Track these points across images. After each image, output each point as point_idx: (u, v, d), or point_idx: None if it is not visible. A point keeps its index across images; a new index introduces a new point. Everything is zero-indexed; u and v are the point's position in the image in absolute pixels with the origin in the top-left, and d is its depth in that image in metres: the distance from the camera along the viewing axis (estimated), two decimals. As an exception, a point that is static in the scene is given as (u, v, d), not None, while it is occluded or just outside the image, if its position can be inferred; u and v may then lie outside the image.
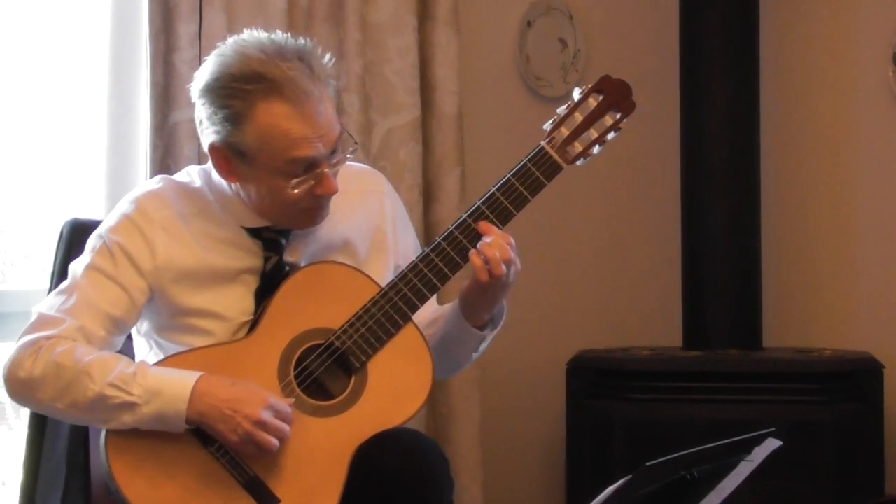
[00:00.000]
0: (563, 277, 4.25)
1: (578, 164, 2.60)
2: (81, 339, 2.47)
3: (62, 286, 2.54)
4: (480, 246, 2.51)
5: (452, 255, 2.53)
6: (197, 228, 2.56)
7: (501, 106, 4.15)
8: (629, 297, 4.31)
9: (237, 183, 2.53)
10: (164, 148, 3.42)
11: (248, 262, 2.57)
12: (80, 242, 2.63)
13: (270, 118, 2.44)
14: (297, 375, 2.50)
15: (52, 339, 2.46)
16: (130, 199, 2.59)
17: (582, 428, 3.84)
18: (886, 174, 4.10)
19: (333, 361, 2.51)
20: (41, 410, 2.56)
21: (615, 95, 2.60)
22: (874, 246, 4.13)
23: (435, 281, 2.53)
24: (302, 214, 2.54)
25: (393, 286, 2.53)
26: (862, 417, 3.72)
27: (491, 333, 2.63)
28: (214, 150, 2.51)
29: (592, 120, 2.60)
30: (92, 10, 3.48)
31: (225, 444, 2.44)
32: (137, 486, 2.43)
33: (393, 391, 2.51)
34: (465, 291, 2.57)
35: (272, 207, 2.52)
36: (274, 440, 2.42)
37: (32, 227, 3.55)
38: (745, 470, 2.46)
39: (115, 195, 3.27)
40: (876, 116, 4.11)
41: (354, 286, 2.53)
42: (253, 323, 2.54)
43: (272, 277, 2.55)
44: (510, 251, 2.50)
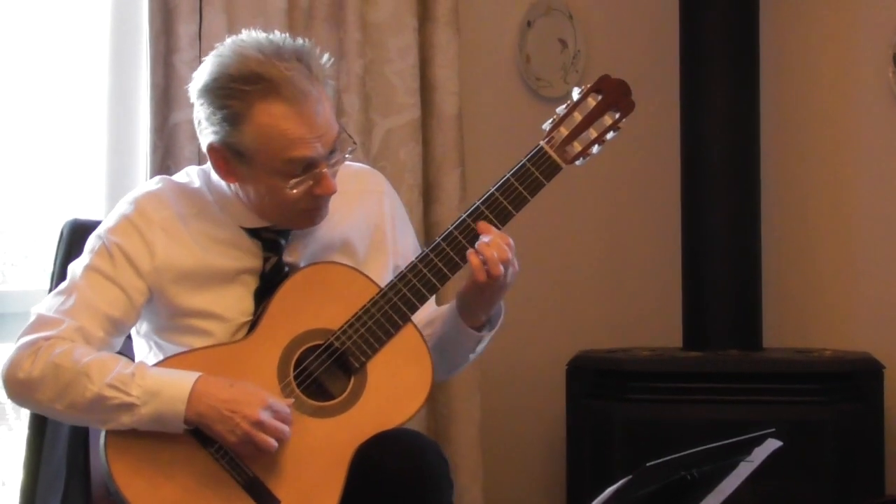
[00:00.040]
0: (563, 278, 4.25)
1: (578, 163, 2.60)
2: (80, 339, 2.47)
3: (61, 287, 2.54)
4: (478, 246, 2.50)
5: (452, 255, 2.53)
6: (196, 229, 2.56)
7: (501, 106, 4.15)
8: (629, 297, 4.31)
9: (236, 183, 2.53)
10: (164, 149, 3.42)
11: (247, 262, 2.57)
12: (80, 243, 2.62)
13: (268, 118, 2.44)
14: (296, 376, 2.50)
15: (50, 339, 2.45)
16: (129, 199, 2.59)
17: (582, 428, 3.84)
18: (886, 174, 4.10)
19: (333, 362, 2.51)
20: (40, 411, 2.56)
21: (614, 95, 2.60)
22: (874, 246, 4.12)
23: (434, 281, 2.53)
24: (301, 215, 2.53)
25: (392, 286, 2.53)
26: (862, 418, 3.71)
27: (488, 334, 2.63)
28: (213, 150, 2.51)
29: (592, 119, 2.59)
30: (92, 11, 3.48)
31: (224, 444, 2.43)
32: (137, 486, 2.43)
33: (392, 391, 2.51)
34: (462, 292, 2.57)
35: (271, 208, 2.52)
36: (272, 441, 2.41)
37: (32, 227, 3.55)
38: (745, 470, 2.46)
39: (115, 196, 3.27)
40: (876, 116, 4.10)
41: (354, 287, 2.53)
42: (252, 323, 2.53)
43: (271, 278, 2.55)
44: (508, 251, 2.50)
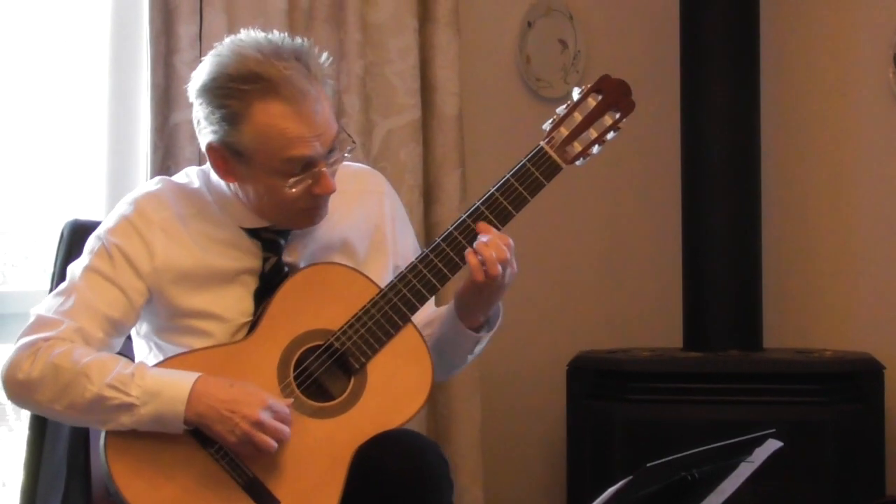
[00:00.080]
0: (563, 278, 4.25)
1: (578, 164, 2.59)
2: (79, 340, 2.46)
3: (60, 288, 2.54)
4: (477, 245, 2.50)
5: (451, 255, 2.52)
6: (195, 229, 2.56)
7: (502, 107, 4.15)
8: (629, 297, 4.31)
9: (235, 183, 2.53)
10: (164, 149, 3.43)
11: (246, 262, 2.57)
12: (80, 244, 2.62)
13: (267, 118, 2.44)
14: (296, 377, 2.50)
15: (50, 340, 2.45)
16: (129, 200, 2.59)
17: (582, 429, 3.84)
18: (886, 174, 4.09)
19: (333, 362, 2.50)
20: (39, 412, 2.56)
21: (614, 95, 2.60)
22: (874, 246, 4.12)
23: (434, 282, 2.53)
24: (300, 214, 2.53)
25: (392, 287, 2.53)
26: (862, 418, 3.71)
27: (486, 335, 2.62)
28: (212, 149, 2.51)
29: (592, 120, 2.59)
30: (92, 11, 3.49)
31: (223, 445, 2.43)
32: (137, 487, 2.43)
33: (392, 392, 2.50)
34: (460, 292, 2.57)
35: (270, 207, 2.52)
36: (272, 441, 2.41)
37: (33, 228, 3.55)
38: (745, 471, 2.46)
39: (115, 196, 3.27)
40: (876, 116, 4.10)
41: (354, 287, 2.53)
42: (252, 324, 2.53)
43: (271, 278, 2.55)
44: (506, 251, 2.49)
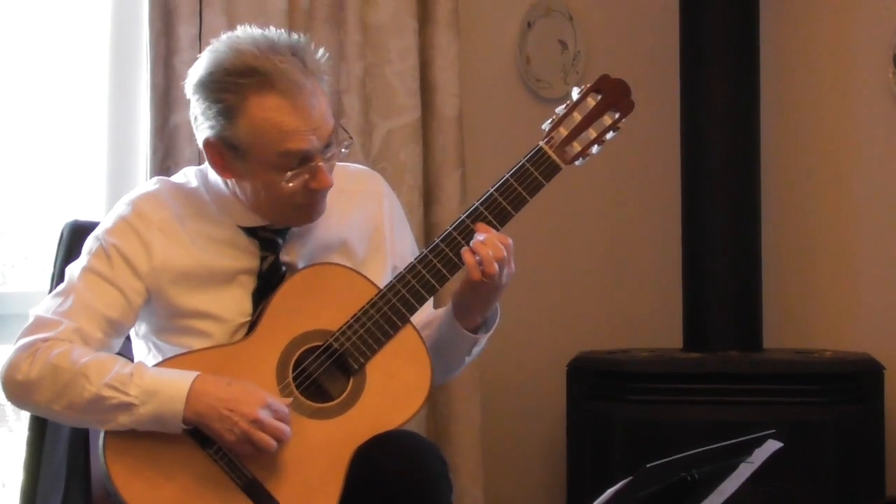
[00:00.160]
0: (563, 278, 4.25)
1: (577, 164, 2.59)
2: (78, 340, 2.46)
3: (59, 288, 2.54)
4: (473, 244, 2.49)
5: (450, 256, 2.52)
6: (194, 229, 2.56)
7: (502, 108, 4.15)
8: (629, 298, 4.31)
9: (232, 179, 2.53)
10: (164, 150, 3.43)
11: (245, 262, 2.56)
12: (80, 244, 2.62)
13: (263, 111, 2.44)
14: (295, 377, 2.49)
15: (48, 341, 2.45)
16: (127, 200, 2.59)
17: (582, 429, 3.83)
18: (886, 174, 4.09)
19: (332, 363, 2.50)
20: (39, 412, 2.56)
21: (614, 95, 2.59)
22: (874, 246, 4.12)
23: (433, 283, 2.52)
24: (297, 210, 2.53)
25: (391, 288, 2.52)
26: (862, 419, 3.71)
27: (484, 337, 2.62)
28: (209, 145, 2.51)
29: (591, 119, 2.58)
30: (92, 12, 3.49)
31: (222, 444, 2.43)
32: (136, 488, 2.43)
33: (391, 393, 2.50)
34: (458, 292, 2.56)
35: (267, 203, 2.52)
36: (271, 440, 2.41)
37: (33, 228, 3.55)
38: (745, 471, 2.46)
39: (115, 197, 3.25)
40: (876, 116, 4.10)
41: (353, 288, 2.53)
42: (251, 325, 2.53)
43: (269, 277, 2.55)
44: (503, 250, 2.49)
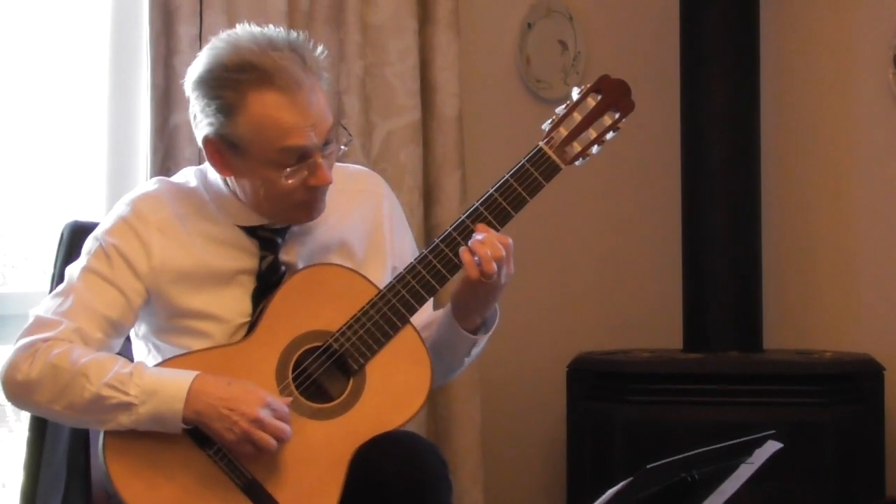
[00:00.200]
0: (563, 279, 4.25)
1: (577, 164, 2.59)
2: (78, 341, 2.46)
3: (58, 289, 2.54)
4: (472, 244, 2.49)
5: (450, 256, 2.52)
6: (193, 229, 2.56)
7: (502, 108, 4.15)
8: (629, 298, 4.31)
9: (232, 177, 2.53)
10: (164, 150, 3.43)
11: (244, 262, 2.56)
12: (80, 245, 2.62)
13: (262, 108, 2.44)
14: (295, 378, 2.49)
15: (48, 341, 2.45)
16: (126, 201, 2.59)
17: (582, 430, 3.83)
18: (886, 174, 4.09)
19: (332, 364, 2.50)
20: (39, 413, 2.56)
21: (614, 95, 2.59)
22: (874, 247, 4.12)
23: (433, 283, 2.52)
24: (297, 208, 2.52)
25: (391, 288, 2.52)
26: (862, 419, 3.71)
27: (483, 337, 2.61)
28: (208, 142, 2.50)
29: (591, 120, 2.58)
30: (92, 12, 3.49)
31: (222, 443, 2.43)
32: (136, 488, 2.43)
33: (391, 393, 2.50)
34: (456, 292, 2.56)
35: (267, 200, 2.51)
36: (271, 439, 2.40)
37: (33, 229, 3.55)
38: (745, 472, 2.46)
39: (115, 197, 3.25)
40: (876, 116, 4.10)
41: (352, 288, 2.52)
42: (251, 325, 2.53)
43: (268, 277, 2.55)
44: (501, 249, 2.48)
